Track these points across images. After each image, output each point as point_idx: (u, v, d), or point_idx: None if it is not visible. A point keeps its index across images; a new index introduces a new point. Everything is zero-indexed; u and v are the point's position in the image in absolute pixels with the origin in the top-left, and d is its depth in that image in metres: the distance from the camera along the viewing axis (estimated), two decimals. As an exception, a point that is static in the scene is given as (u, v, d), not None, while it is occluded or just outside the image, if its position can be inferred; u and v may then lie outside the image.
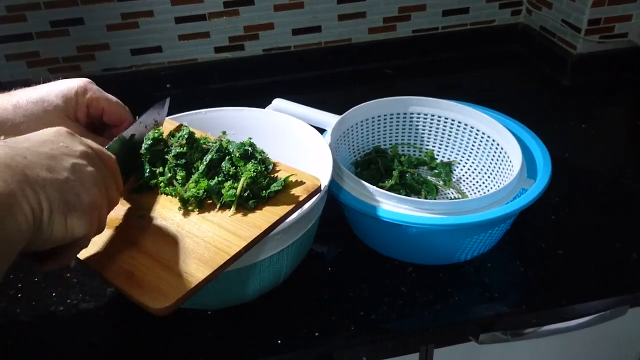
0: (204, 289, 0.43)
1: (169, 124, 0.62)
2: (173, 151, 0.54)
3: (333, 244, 0.66)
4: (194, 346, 0.54)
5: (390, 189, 0.69)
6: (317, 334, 0.55)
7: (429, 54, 1.15)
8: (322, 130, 0.67)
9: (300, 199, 0.50)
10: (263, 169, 0.52)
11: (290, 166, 0.54)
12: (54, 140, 0.39)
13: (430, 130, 0.75)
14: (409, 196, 0.62)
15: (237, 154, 0.53)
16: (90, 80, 0.56)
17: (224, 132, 0.57)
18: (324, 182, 0.55)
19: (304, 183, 0.52)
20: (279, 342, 0.54)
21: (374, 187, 0.57)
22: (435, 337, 0.59)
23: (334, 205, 0.61)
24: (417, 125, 0.75)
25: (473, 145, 0.72)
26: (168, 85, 1.07)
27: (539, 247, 0.64)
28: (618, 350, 0.75)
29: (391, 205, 0.56)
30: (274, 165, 0.54)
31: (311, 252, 0.61)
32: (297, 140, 0.66)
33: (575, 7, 0.99)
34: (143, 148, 0.54)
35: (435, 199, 0.71)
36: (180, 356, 0.53)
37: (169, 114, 0.64)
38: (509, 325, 0.58)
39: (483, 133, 0.70)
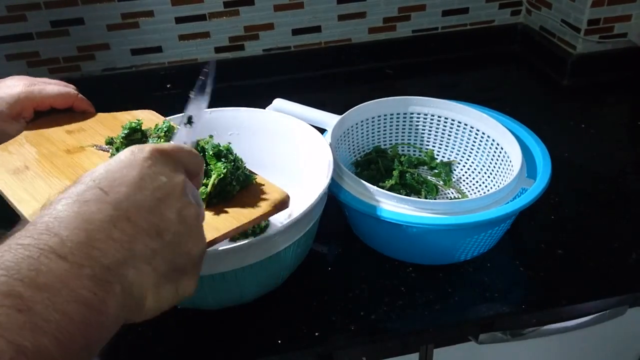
0: (203, 289, 0.43)
1: (155, 117, 0.61)
2: (150, 141, 0.53)
3: (333, 244, 0.66)
4: (194, 346, 0.54)
5: (391, 188, 0.69)
6: (317, 334, 0.55)
7: (429, 54, 1.15)
8: (322, 130, 0.67)
9: (267, 209, 0.47)
10: (234, 168, 0.50)
11: (264, 179, 0.53)
12: (152, 176, 0.31)
13: (430, 130, 0.75)
14: (409, 196, 0.62)
15: (211, 152, 0.51)
16: (29, 80, 0.57)
17: (211, 136, 0.55)
18: (325, 182, 0.55)
19: (275, 196, 0.49)
20: (279, 342, 0.54)
21: (374, 187, 0.57)
22: (435, 337, 0.59)
23: (334, 205, 0.61)
24: (417, 125, 0.75)
25: (473, 145, 0.72)
26: (168, 85, 1.07)
27: (539, 247, 0.64)
28: (618, 350, 0.75)
29: (391, 205, 0.56)
30: (252, 175, 0.52)
31: (311, 252, 0.61)
32: (297, 140, 0.66)
33: (574, 7, 0.99)
34: (120, 137, 0.54)
35: (435, 199, 0.71)
36: (180, 356, 0.54)
37: (169, 115, 0.64)
38: (509, 325, 0.58)
39: (483, 133, 0.70)
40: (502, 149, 0.67)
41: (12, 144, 0.56)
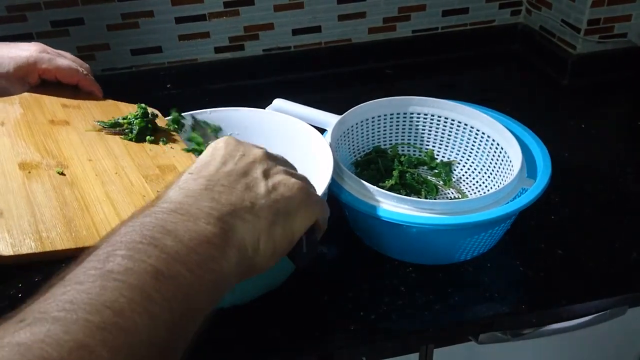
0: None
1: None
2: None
3: (333, 244, 0.66)
4: (194, 346, 0.54)
5: (391, 188, 0.69)
6: (317, 334, 0.55)
7: (429, 54, 1.15)
8: (322, 130, 0.67)
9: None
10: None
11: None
12: (231, 154, 0.38)
13: (430, 130, 0.75)
14: (409, 196, 0.62)
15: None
16: (43, 47, 0.58)
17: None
18: (325, 182, 0.55)
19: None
20: (279, 342, 0.54)
21: (374, 187, 0.57)
22: (435, 337, 0.59)
23: (334, 205, 0.61)
24: (417, 125, 0.75)
25: (473, 145, 0.72)
26: (168, 85, 1.07)
27: (539, 247, 0.64)
28: (618, 350, 0.75)
29: (391, 205, 0.56)
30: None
31: (311, 252, 0.61)
32: (297, 140, 0.66)
33: (574, 7, 0.99)
34: (133, 115, 0.57)
35: (435, 199, 0.71)
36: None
37: (169, 114, 0.64)
38: (508, 325, 0.58)
39: (483, 133, 0.70)
40: (502, 149, 0.67)
41: (3, 100, 0.56)
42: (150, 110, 0.59)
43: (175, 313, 0.28)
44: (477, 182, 0.72)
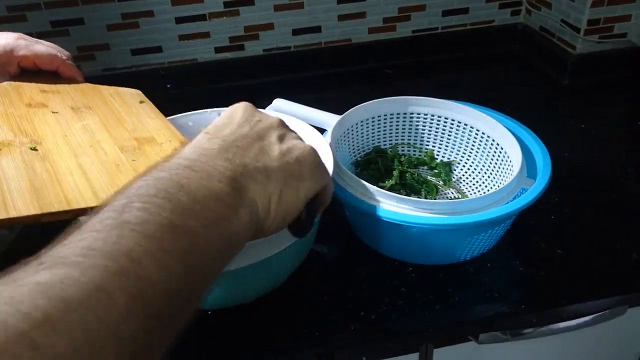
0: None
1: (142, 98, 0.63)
2: None
3: (333, 244, 0.66)
4: (194, 346, 0.54)
5: (391, 188, 0.69)
6: (317, 334, 0.55)
7: (429, 54, 1.15)
8: (322, 130, 0.67)
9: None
10: None
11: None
12: (248, 118, 0.39)
13: (430, 130, 0.75)
14: (409, 196, 0.62)
15: None
16: (20, 35, 0.58)
17: None
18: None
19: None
20: (279, 342, 0.54)
21: (374, 187, 0.57)
22: (435, 337, 0.59)
23: (334, 205, 0.61)
24: (417, 125, 0.75)
25: (473, 145, 0.72)
26: (168, 85, 1.07)
27: (539, 247, 0.64)
28: (618, 350, 0.75)
29: (391, 205, 0.56)
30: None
31: (311, 252, 0.61)
32: (297, 140, 0.66)
33: (574, 7, 0.99)
34: None
35: (435, 199, 0.71)
36: (180, 356, 0.53)
37: (169, 115, 0.64)
38: (509, 325, 0.58)
39: (483, 133, 0.70)
40: (502, 148, 0.67)
41: None
42: None
43: (189, 267, 0.28)
44: (477, 182, 0.72)
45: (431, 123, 0.74)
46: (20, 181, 0.43)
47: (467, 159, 0.73)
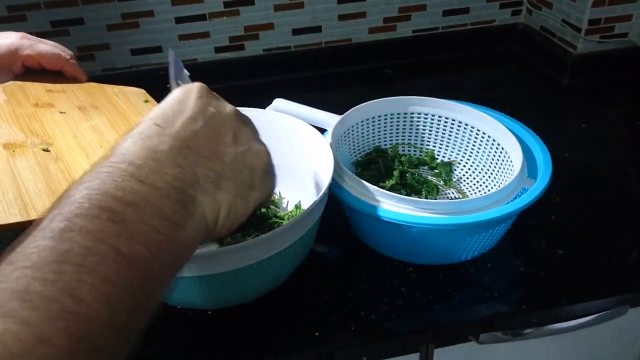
0: (202, 289, 0.43)
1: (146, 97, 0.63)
2: None
3: (333, 244, 0.66)
4: (194, 346, 0.54)
5: (391, 188, 0.69)
6: (317, 334, 0.55)
7: (429, 54, 1.15)
8: (322, 130, 0.67)
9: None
10: None
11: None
12: (202, 108, 0.36)
13: (430, 130, 0.75)
14: (410, 196, 0.62)
15: None
16: (24, 34, 0.58)
17: None
18: (325, 182, 0.55)
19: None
20: (279, 342, 0.54)
21: (375, 187, 0.57)
22: (435, 337, 0.59)
23: (334, 205, 0.61)
24: (418, 125, 0.75)
25: (473, 145, 0.72)
26: (168, 85, 1.07)
27: (539, 247, 0.64)
28: (618, 350, 0.75)
29: (392, 205, 0.56)
30: None
31: (311, 252, 0.61)
32: (297, 140, 0.66)
33: (575, 7, 0.99)
34: None
35: (435, 199, 0.71)
36: (180, 356, 0.53)
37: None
38: (509, 325, 0.58)
39: (483, 133, 0.70)
40: (502, 148, 0.67)
41: None
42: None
43: (136, 295, 0.27)
44: (477, 182, 0.72)
45: (432, 123, 0.74)
46: (36, 183, 0.43)
47: (468, 159, 0.73)
